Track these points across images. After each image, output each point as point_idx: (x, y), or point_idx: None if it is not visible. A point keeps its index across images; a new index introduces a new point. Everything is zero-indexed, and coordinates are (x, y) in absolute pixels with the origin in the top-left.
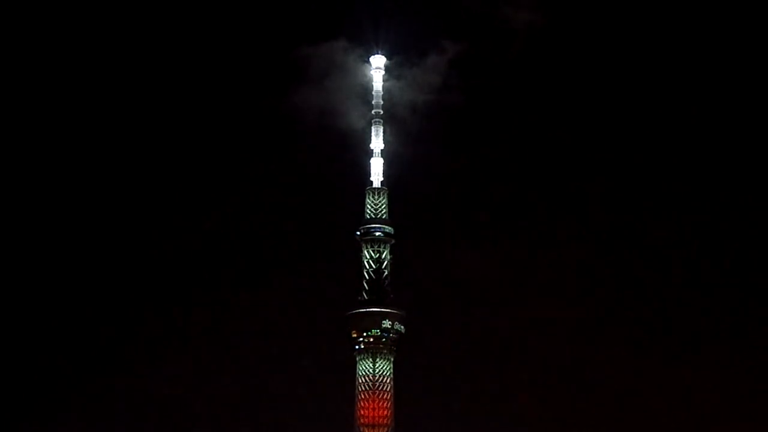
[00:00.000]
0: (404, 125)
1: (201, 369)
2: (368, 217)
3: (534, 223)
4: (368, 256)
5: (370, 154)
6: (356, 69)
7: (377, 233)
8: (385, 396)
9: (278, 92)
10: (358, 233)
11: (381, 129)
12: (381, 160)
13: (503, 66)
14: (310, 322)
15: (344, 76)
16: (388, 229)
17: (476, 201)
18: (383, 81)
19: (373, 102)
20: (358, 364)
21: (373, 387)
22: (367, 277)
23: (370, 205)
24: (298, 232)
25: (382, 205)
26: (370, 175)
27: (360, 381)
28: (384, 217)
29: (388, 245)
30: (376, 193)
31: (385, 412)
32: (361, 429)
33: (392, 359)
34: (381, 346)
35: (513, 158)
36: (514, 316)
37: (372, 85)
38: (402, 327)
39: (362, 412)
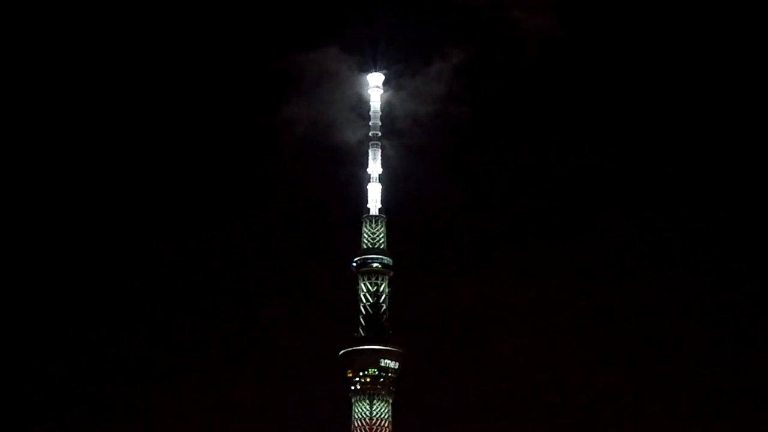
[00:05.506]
0: (405, 140)
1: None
2: (365, 246)
3: (549, 252)
4: (365, 289)
5: (367, 179)
6: (351, 79)
7: (375, 264)
8: None
9: (265, 104)
10: (354, 264)
11: (379, 152)
12: (379, 186)
13: (513, 74)
14: (302, 361)
15: (337, 87)
16: (387, 259)
17: (483, 228)
18: (382, 93)
19: (370, 123)
20: (353, 407)
21: (370, 431)
22: (363, 312)
23: (367, 233)
24: (288, 262)
25: (380, 234)
26: (367, 201)
27: (356, 425)
28: (382, 246)
29: (387, 277)
30: (374, 221)
31: None
32: None
33: (391, 401)
34: (379, 386)
35: (524, 178)
36: (523, 353)
37: (370, 105)
38: (401, 366)
39: None
